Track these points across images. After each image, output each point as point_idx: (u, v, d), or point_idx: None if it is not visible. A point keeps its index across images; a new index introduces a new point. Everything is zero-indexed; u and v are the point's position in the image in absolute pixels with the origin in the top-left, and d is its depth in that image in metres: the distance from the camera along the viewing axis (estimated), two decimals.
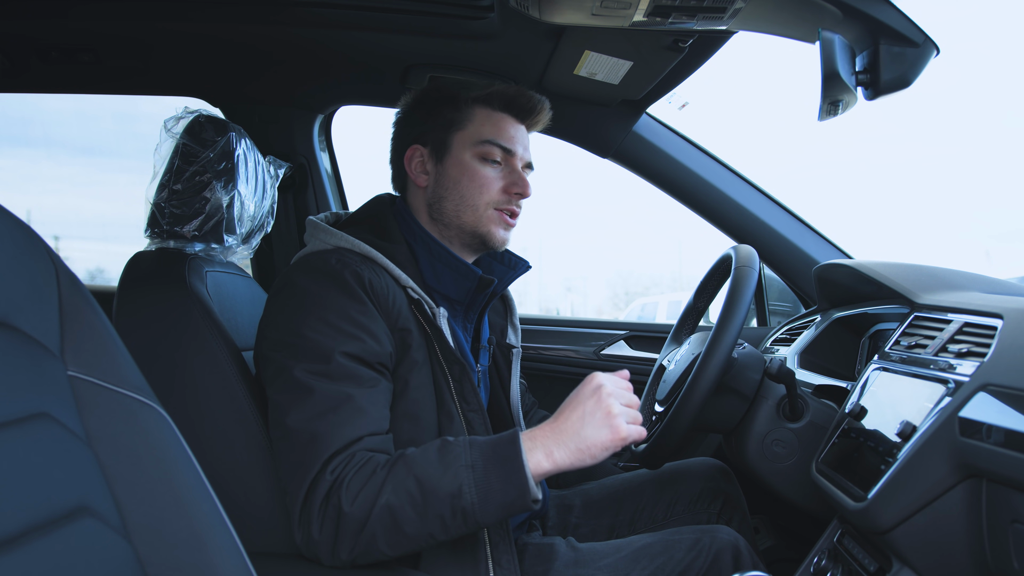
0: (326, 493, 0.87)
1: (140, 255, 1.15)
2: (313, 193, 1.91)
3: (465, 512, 0.86)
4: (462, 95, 1.15)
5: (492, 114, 1.15)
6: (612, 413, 0.90)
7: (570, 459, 0.90)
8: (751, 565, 1.05)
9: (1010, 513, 0.70)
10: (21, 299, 0.55)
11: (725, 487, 1.32)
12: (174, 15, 1.40)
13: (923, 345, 0.97)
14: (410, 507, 0.85)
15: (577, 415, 0.91)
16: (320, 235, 1.09)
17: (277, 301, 1.01)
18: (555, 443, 0.90)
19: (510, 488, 0.86)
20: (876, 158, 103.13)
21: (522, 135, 1.17)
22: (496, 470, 0.87)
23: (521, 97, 1.16)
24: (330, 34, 1.46)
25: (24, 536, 0.48)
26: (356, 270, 0.99)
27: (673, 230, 42.56)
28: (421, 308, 1.03)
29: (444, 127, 1.14)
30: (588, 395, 0.92)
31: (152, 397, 0.62)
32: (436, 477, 0.86)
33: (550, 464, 0.90)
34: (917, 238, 78.45)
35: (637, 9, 0.99)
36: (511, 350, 1.28)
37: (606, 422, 0.90)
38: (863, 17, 0.88)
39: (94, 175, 44.04)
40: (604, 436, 0.90)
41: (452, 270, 1.11)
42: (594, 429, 0.90)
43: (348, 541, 0.86)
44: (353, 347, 0.94)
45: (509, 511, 0.87)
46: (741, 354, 1.19)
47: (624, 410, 0.92)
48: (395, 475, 0.87)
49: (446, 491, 0.85)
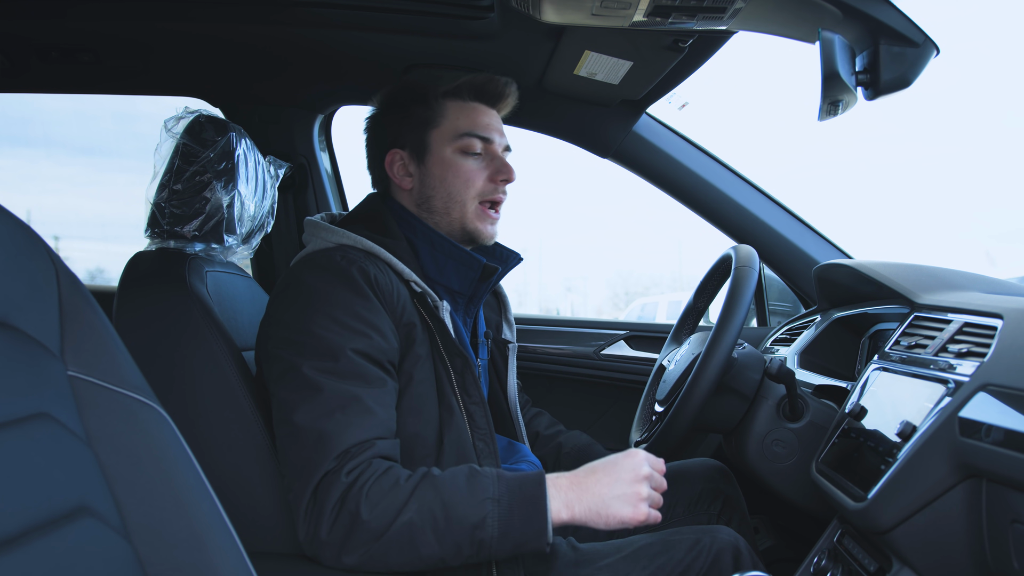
0: (341, 495, 0.86)
1: (140, 255, 1.15)
2: (313, 193, 1.91)
3: (482, 544, 0.87)
4: (432, 92, 1.16)
5: (464, 105, 1.16)
6: (641, 496, 0.92)
7: (586, 518, 0.91)
8: (751, 565, 1.05)
9: (1010, 513, 0.70)
10: (21, 299, 0.55)
11: (724, 488, 1.32)
12: (174, 15, 1.40)
13: (923, 345, 0.97)
14: (431, 530, 0.86)
15: (608, 481, 0.92)
16: (322, 233, 1.09)
17: (283, 299, 1.01)
18: (578, 498, 0.92)
19: (529, 529, 0.88)
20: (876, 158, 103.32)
21: (496, 121, 1.19)
22: (520, 508, 0.88)
23: (489, 84, 1.18)
24: (330, 34, 1.46)
25: (24, 536, 0.48)
26: (362, 266, 0.99)
27: (673, 230, 42.52)
28: (424, 301, 1.04)
29: (419, 127, 1.15)
30: (627, 469, 0.93)
31: (152, 397, 0.62)
32: (462, 505, 0.87)
33: (568, 516, 0.91)
34: (917, 238, 78.55)
35: (637, 9, 0.99)
36: (507, 345, 1.29)
37: (633, 501, 0.91)
38: (863, 17, 0.88)
39: (94, 175, 44.04)
40: (626, 513, 0.91)
41: (456, 260, 1.11)
42: (620, 503, 0.91)
43: (359, 548, 0.86)
44: (361, 344, 0.94)
45: (522, 549, 0.89)
46: (741, 354, 1.19)
47: (652, 494, 0.93)
48: (421, 494, 0.87)
49: (470, 521, 0.86)
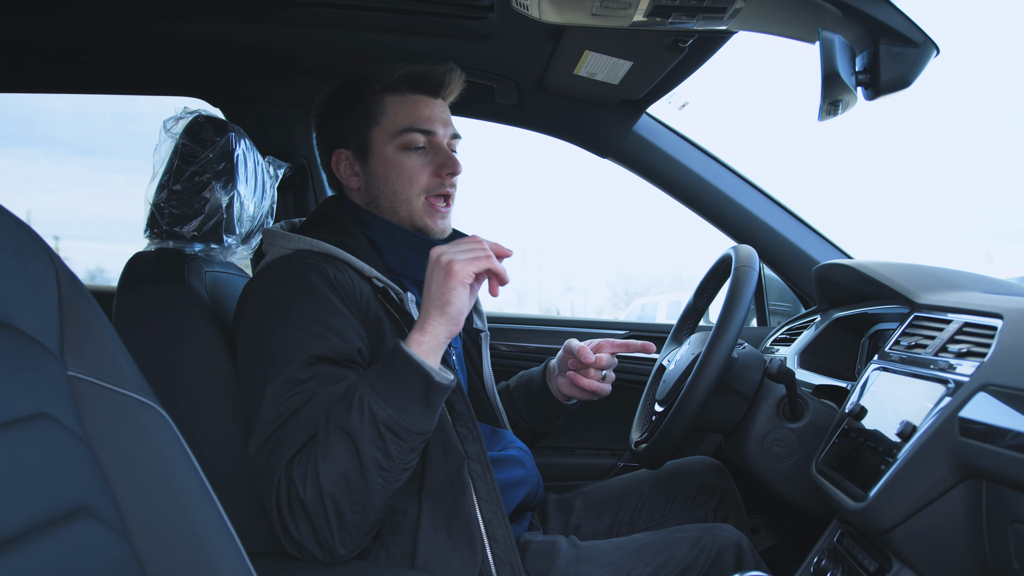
0: (287, 492, 0.87)
1: (140, 255, 1.15)
2: (313, 193, 1.90)
3: (390, 426, 0.86)
4: (370, 88, 1.13)
5: (403, 99, 1.13)
6: (443, 261, 0.92)
7: (441, 323, 0.92)
8: (753, 564, 1.05)
9: (1010, 513, 0.70)
10: (21, 299, 0.55)
11: (721, 484, 1.33)
12: (174, 15, 1.40)
13: (923, 345, 0.97)
14: (346, 455, 0.86)
15: (426, 287, 0.93)
16: (278, 242, 1.09)
17: (245, 314, 1.01)
18: (423, 321, 0.92)
19: (413, 380, 0.88)
20: (876, 158, 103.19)
21: (439, 111, 1.15)
22: (392, 377, 0.88)
23: (429, 74, 1.13)
24: (330, 34, 1.46)
25: (24, 536, 0.48)
26: (320, 269, 0.99)
27: (673, 230, 42.56)
28: (388, 296, 1.04)
29: (360, 125, 1.13)
30: (430, 266, 0.94)
31: (152, 397, 0.62)
32: (347, 414, 0.87)
33: (430, 337, 0.91)
34: (917, 238, 78.50)
35: (637, 9, 0.99)
36: (479, 334, 1.29)
37: (444, 271, 0.91)
38: (863, 17, 0.88)
39: (93, 175, 44.10)
40: (448, 282, 0.91)
41: (417, 251, 1.11)
42: (438, 284, 0.91)
43: (324, 527, 0.86)
44: (320, 348, 0.94)
45: (428, 401, 0.89)
46: (741, 354, 1.19)
47: (458, 254, 0.92)
48: (319, 440, 0.87)
49: (365, 421, 0.86)
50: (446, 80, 1.15)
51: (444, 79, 1.15)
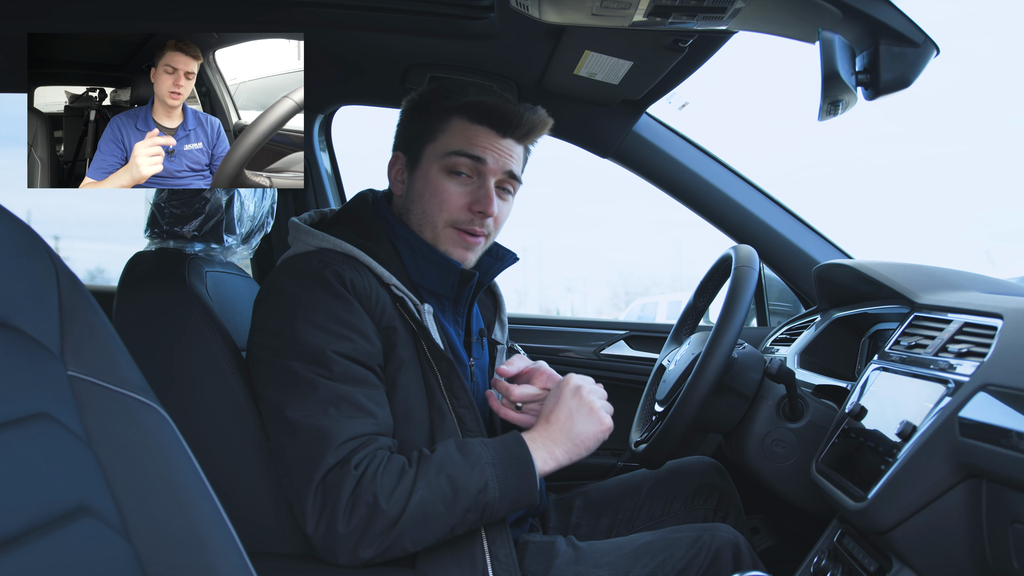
0: (354, 487, 0.87)
1: (140, 255, 1.15)
2: (313, 193, 1.91)
3: (487, 506, 0.91)
4: (438, 105, 1.10)
5: (467, 126, 1.08)
6: (595, 407, 1.01)
7: (568, 455, 0.99)
8: (751, 564, 1.05)
9: (1010, 513, 0.70)
10: (21, 299, 0.55)
11: (720, 483, 1.33)
12: (174, 15, 1.40)
13: (923, 345, 0.97)
14: (441, 503, 0.89)
15: (565, 414, 1.00)
16: (302, 236, 1.08)
17: (265, 306, 1.01)
18: (553, 443, 0.99)
19: (523, 485, 0.94)
20: (876, 158, 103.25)
21: (503, 146, 1.09)
22: (512, 468, 0.94)
23: (500, 109, 1.07)
24: (330, 34, 1.46)
25: (24, 536, 0.48)
26: (337, 270, 0.99)
27: (673, 230, 42.59)
28: (405, 306, 1.03)
29: (419, 137, 1.12)
30: (570, 395, 1.01)
31: (152, 397, 0.62)
32: (465, 475, 0.91)
33: (553, 462, 0.98)
34: (917, 238, 78.57)
35: (637, 9, 0.99)
36: (495, 346, 1.29)
37: (592, 416, 1.00)
38: (863, 17, 0.88)
39: None
40: (594, 428, 1.00)
41: (434, 265, 1.10)
42: (584, 425, 1.00)
43: (377, 537, 0.87)
44: (344, 347, 0.94)
45: (519, 506, 0.95)
46: (741, 354, 1.19)
47: (604, 403, 1.03)
48: (426, 472, 0.90)
49: (476, 487, 0.90)
50: (516, 118, 1.08)
51: (513, 116, 1.08)
